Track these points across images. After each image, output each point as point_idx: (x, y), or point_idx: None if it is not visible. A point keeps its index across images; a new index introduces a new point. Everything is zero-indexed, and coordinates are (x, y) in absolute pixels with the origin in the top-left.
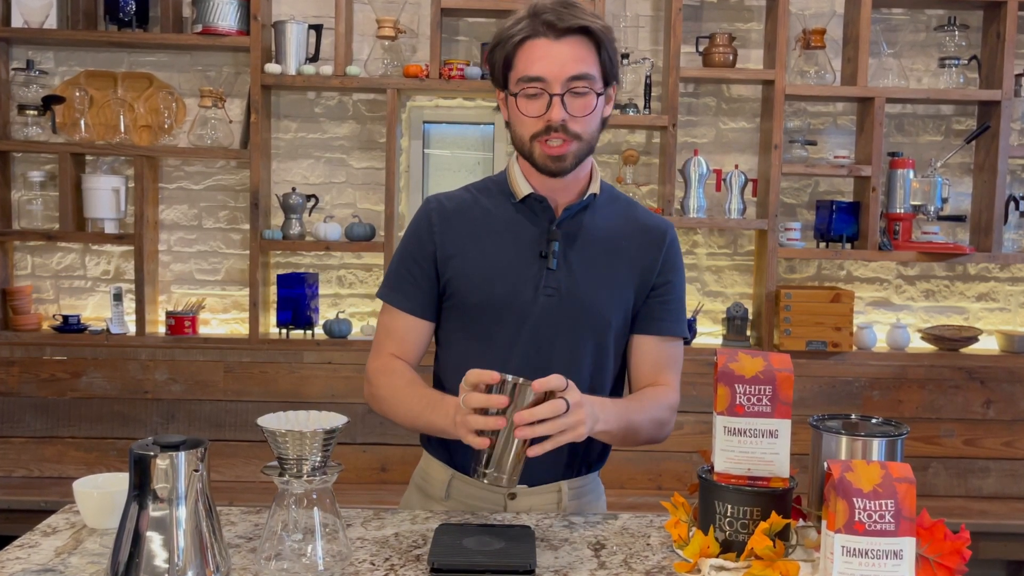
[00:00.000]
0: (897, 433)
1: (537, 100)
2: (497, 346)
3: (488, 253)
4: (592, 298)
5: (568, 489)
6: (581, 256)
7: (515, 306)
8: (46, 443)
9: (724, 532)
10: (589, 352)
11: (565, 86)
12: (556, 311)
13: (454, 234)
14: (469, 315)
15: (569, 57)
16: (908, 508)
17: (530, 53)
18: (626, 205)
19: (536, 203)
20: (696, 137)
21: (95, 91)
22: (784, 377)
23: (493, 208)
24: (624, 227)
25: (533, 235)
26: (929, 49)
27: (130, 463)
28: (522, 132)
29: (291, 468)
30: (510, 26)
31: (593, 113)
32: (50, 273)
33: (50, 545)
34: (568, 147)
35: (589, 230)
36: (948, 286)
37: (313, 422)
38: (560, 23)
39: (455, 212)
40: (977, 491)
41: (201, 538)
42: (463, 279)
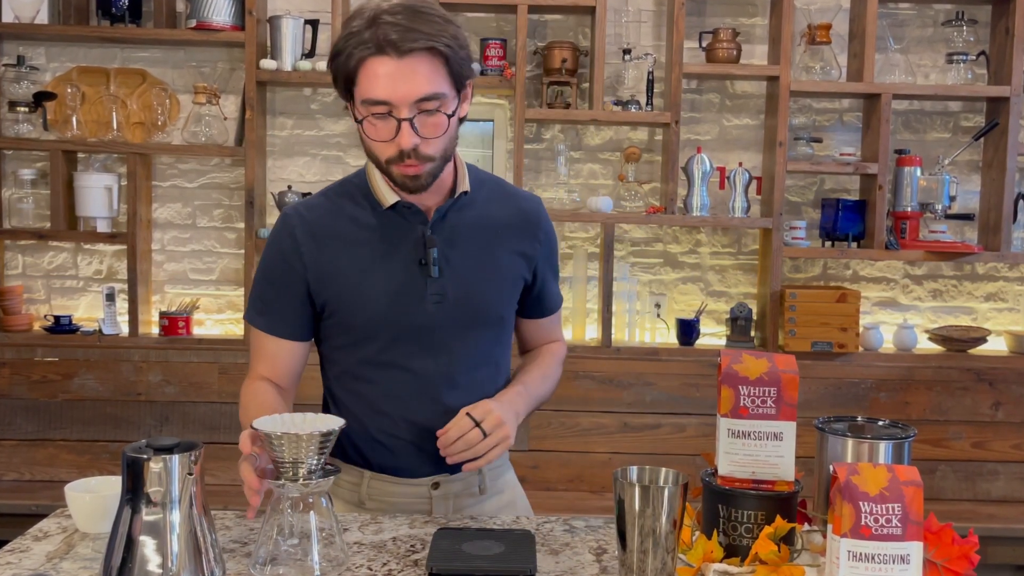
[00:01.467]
0: (904, 435)
1: (385, 123)
2: (392, 362)
3: (365, 268)
4: (481, 297)
5: (488, 470)
6: (462, 256)
7: (404, 321)
8: (37, 446)
9: (728, 536)
10: (487, 348)
11: (413, 109)
12: (448, 318)
13: (324, 251)
14: (356, 335)
15: (415, 78)
16: (915, 512)
17: (372, 73)
18: (493, 186)
19: (405, 209)
20: (699, 134)
21: (87, 87)
22: (789, 378)
23: (360, 216)
24: (498, 214)
25: (408, 243)
26: (937, 44)
27: (123, 466)
28: (376, 154)
29: (287, 471)
30: (352, 33)
31: (446, 132)
32: (41, 273)
33: (41, 550)
34: (423, 167)
35: (464, 227)
36: (956, 286)
37: (309, 424)
38: (403, 42)
39: (319, 225)
40: (986, 495)
41: (195, 542)
42: (343, 299)
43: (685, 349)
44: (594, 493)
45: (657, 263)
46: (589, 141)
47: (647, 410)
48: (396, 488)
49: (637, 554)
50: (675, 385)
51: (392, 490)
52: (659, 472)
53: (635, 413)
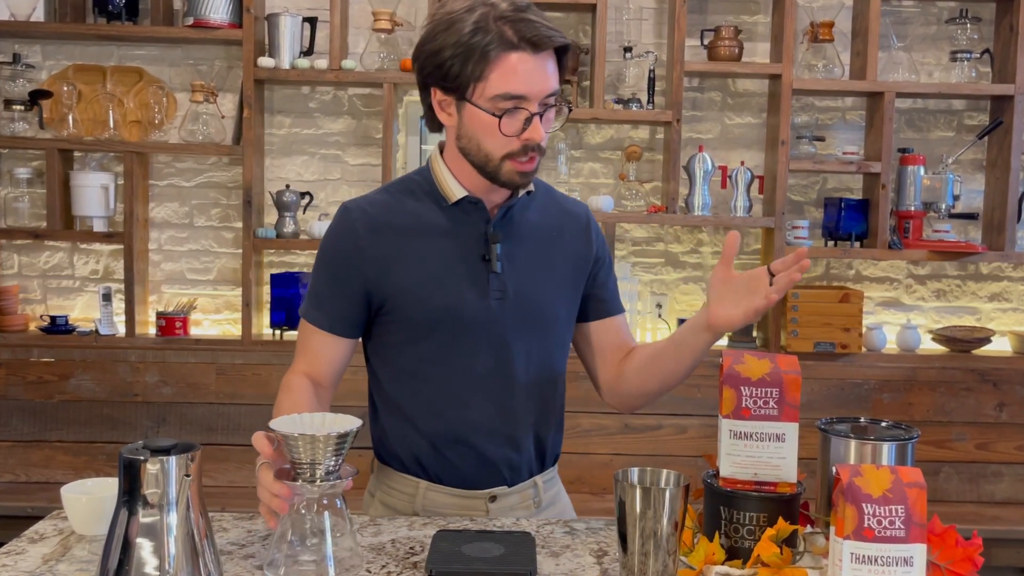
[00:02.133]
0: (907, 437)
1: (514, 118)
2: (453, 360)
3: (426, 262)
4: (540, 295)
5: (542, 482)
6: (523, 254)
7: (466, 316)
8: (33, 447)
9: (730, 539)
10: (544, 349)
11: (542, 104)
12: (509, 314)
13: (385, 247)
14: (415, 332)
15: (547, 74)
16: (919, 514)
17: (509, 68)
18: (546, 192)
19: (470, 205)
20: (701, 133)
21: (83, 85)
22: (791, 379)
23: (422, 212)
24: (552, 217)
25: (471, 238)
26: (940, 42)
27: (119, 468)
28: (491, 149)
29: (304, 472)
30: (474, 30)
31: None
32: (37, 272)
33: (37, 552)
34: (535, 162)
35: (523, 226)
36: (960, 286)
37: (327, 425)
38: (537, 39)
39: (382, 221)
40: (990, 496)
41: (193, 545)
42: (404, 295)
43: None
44: (595, 495)
45: (658, 263)
46: (590, 140)
47: (648, 411)
48: (452, 500)
49: (638, 556)
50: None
51: (448, 502)
52: (660, 473)
53: (636, 414)
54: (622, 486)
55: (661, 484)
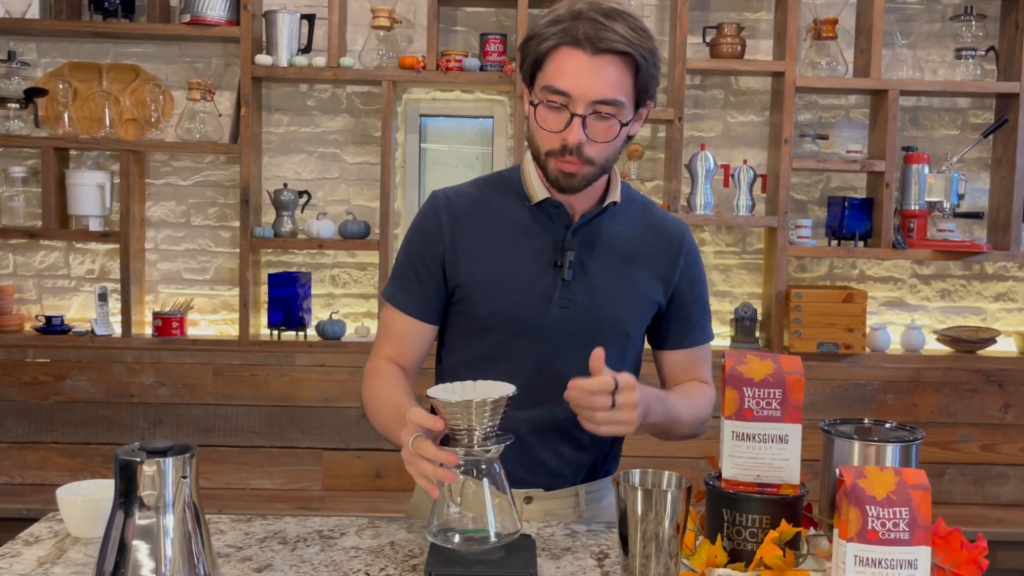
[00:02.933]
0: (912, 438)
1: (558, 114)
2: (508, 360)
3: (501, 260)
4: (610, 311)
5: (585, 494)
6: (598, 266)
7: (528, 319)
8: (28, 448)
9: (732, 541)
10: (608, 364)
11: (589, 108)
12: (572, 324)
13: (465, 236)
14: (478, 325)
15: (601, 79)
16: (923, 516)
17: (561, 63)
18: (642, 208)
19: (552, 208)
20: (703, 131)
21: (79, 83)
22: (794, 380)
23: (506, 209)
24: (641, 233)
25: (548, 242)
26: (945, 40)
27: (115, 469)
28: (538, 143)
29: (462, 438)
30: (551, 21)
31: (613, 141)
32: (32, 272)
33: (32, 555)
34: (581, 169)
35: (606, 238)
36: (964, 286)
37: (481, 392)
38: (599, 41)
39: (465, 211)
40: (995, 498)
41: (189, 547)
42: (473, 287)
43: None
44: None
45: None
46: None
47: None
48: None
49: (639, 559)
50: None
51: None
52: (662, 475)
53: None
54: (623, 488)
55: (663, 486)
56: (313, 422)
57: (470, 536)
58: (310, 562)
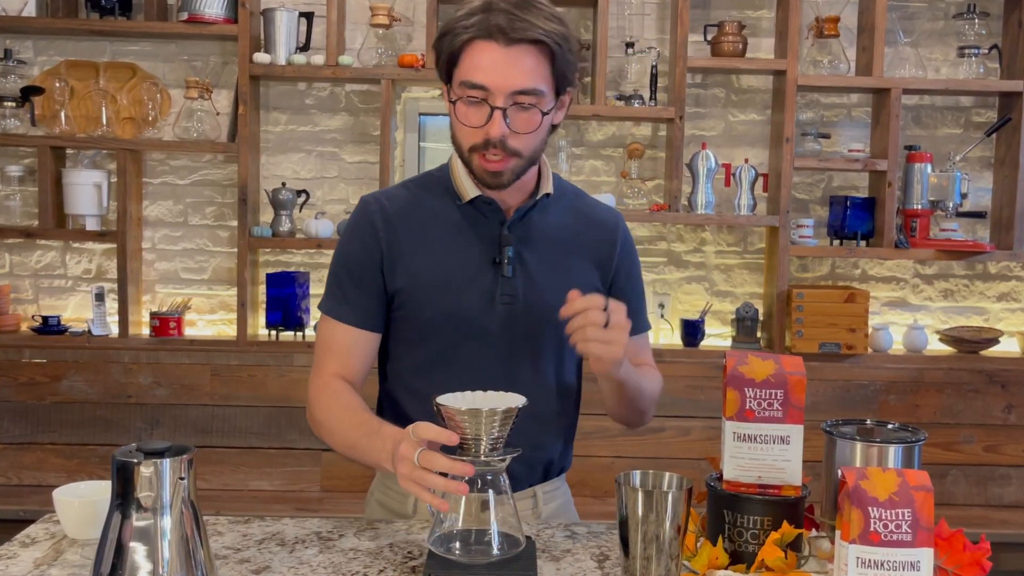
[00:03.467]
0: (914, 439)
1: (478, 109)
2: (456, 361)
3: (439, 261)
4: (553, 302)
5: (543, 494)
6: (536, 259)
7: (472, 318)
8: (25, 450)
9: (733, 543)
10: (553, 359)
11: (509, 99)
12: (516, 320)
13: (401, 240)
14: (422, 329)
15: (517, 69)
16: (926, 517)
17: (476, 57)
18: (574, 197)
19: (485, 205)
20: (704, 130)
21: (76, 82)
22: (796, 381)
23: (439, 209)
24: (576, 223)
25: (484, 240)
26: (948, 38)
27: (112, 471)
28: (461, 140)
29: (469, 448)
30: (462, 16)
31: (537, 131)
32: (29, 272)
33: (29, 556)
34: (507, 163)
35: (542, 230)
36: (967, 286)
37: (490, 402)
38: (512, 31)
39: (398, 215)
40: (998, 500)
41: (187, 549)
42: (414, 290)
43: (689, 350)
44: (596, 498)
45: (661, 262)
46: (591, 137)
47: None
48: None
49: (640, 561)
50: (679, 387)
51: None
52: (663, 476)
53: None
54: (624, 489)
55: (664, 487)
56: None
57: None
58: (308, 564)
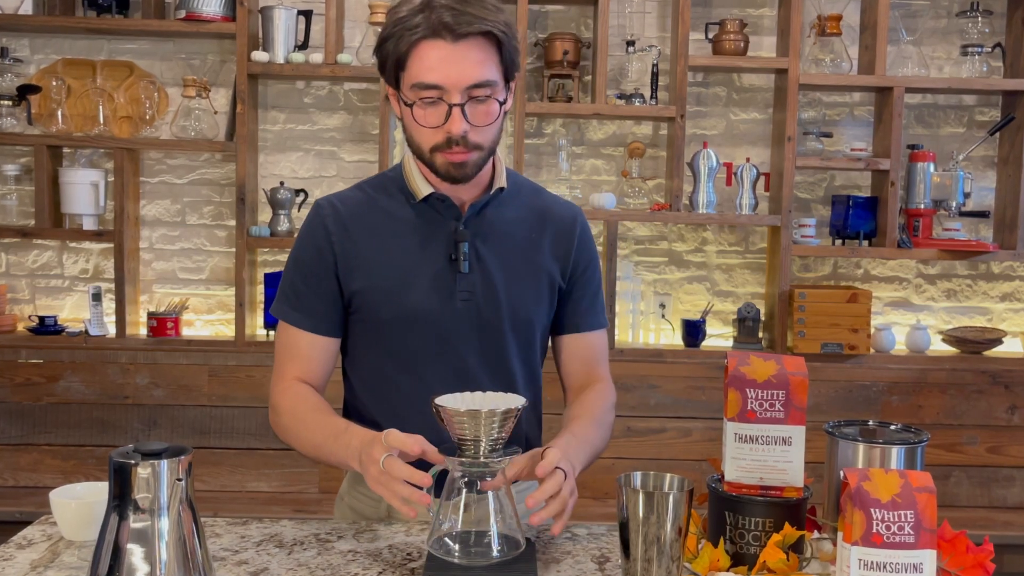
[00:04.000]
0: (917, 440)
1: (435, 108)
2: (416, 362)
3: (394, 260)
4: (512, 298)
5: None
6: (493, 254)
7: (431, 316)
8: (21, 451)
9: (735, 544)
10: (517, 357)
11: (465, 95)
12: (475, 317)
13: (354, 242)
14: (381, 330)
15: (469, 63)
16: (929, 519)
17: (425, 57)
18: (532, 193)
19: (439, 202)
20: (705, 129)
21: (73, 80)
22: (798, 381)
23: (393, 209)
24: (533, 217)
25: (440, 237)
26: (951, 36)
27: (110, 472)
28: (419, 142)
29: (468, 449)
30: (404, 17)
31: (496, 121)
32: (25, 272)
33: (25, 558)
34: (469, 156)
35: (498, 225)
36: (971, 285)
37: (489, 402)
38: (458, 27)
39: (352, 217)
40: (1001, 501)
41: (184, 551)
42: (370, 292)
43: (691, 351)
44: (596, 499)
45: (662, 262)
46: (591, 136)
47: (651, 414)
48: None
49: (641, 563)
50: (680, 388)
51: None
52: (664, 478)
53: (639, 417)
54: (625, 491)
55: (664, 488)
56: None
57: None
58: (307, 566)
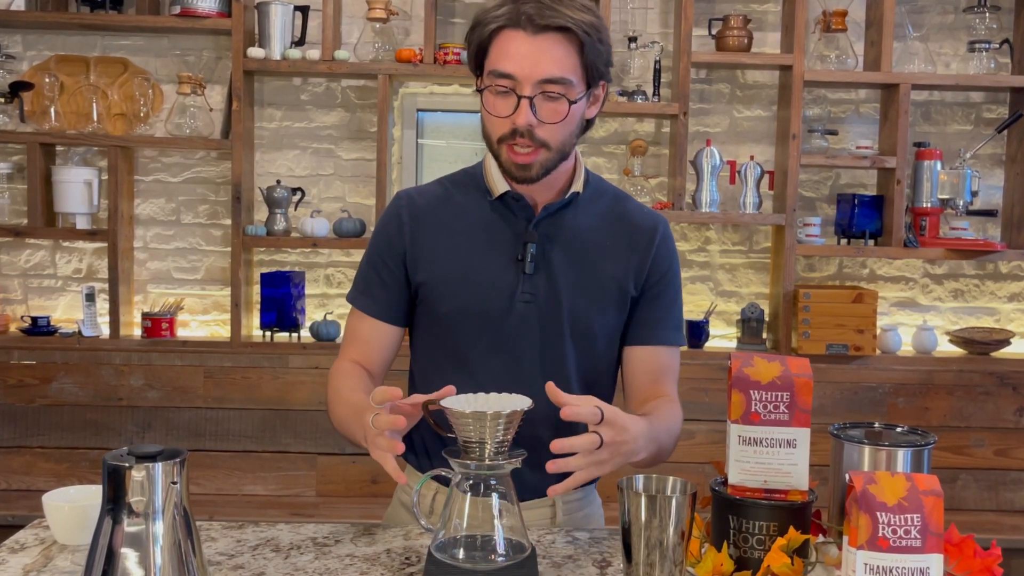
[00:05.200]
0: (923, 443)
1: (506, 99)
2: (470, 359)
3: (461, 256)
4: (574, 304)
5: (562, 503)
6: (561, 259)
7: (488, 315)
8: (13, 453)
9: (739, 548)
10: (575, 364)
11: (536, 88)
12: (535, 320)
13: (425, 234)
14: (439, 323)
15: (545, 57)
16: (935, 523)
17: (504, 46)
18: (613, 200)
19: (514, 201)
20: (709, 126)
21: (66, 77)
22: (803, 383)
23: (468, 205)
24: (610, 225)
25: (509, 236)
26: (958, 32)
27: (103, 475)
28: (490, 131)
29: (473, 451)
30: (492, 7)
31: (565, 121)
32: (18, 272)
33: (18, 563)
34: (535, 156)
35: (571, 230)
36: (978, 285)
37: (495, 404)
38: (539, 18)
39: (427, 209)
40: (1009, 505)
41: (179, 555)
42: (433, 284)
43: (694, 352)
44: None
45: None
46: (593, 133)
47: None
48: None
49: (643, 567)
50: (683, 390)
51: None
52: (666, 481)
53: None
54: (627, 494)
55: (667, 492)
56: (307, 426)
57: (476, 554)
58: (304, 570)
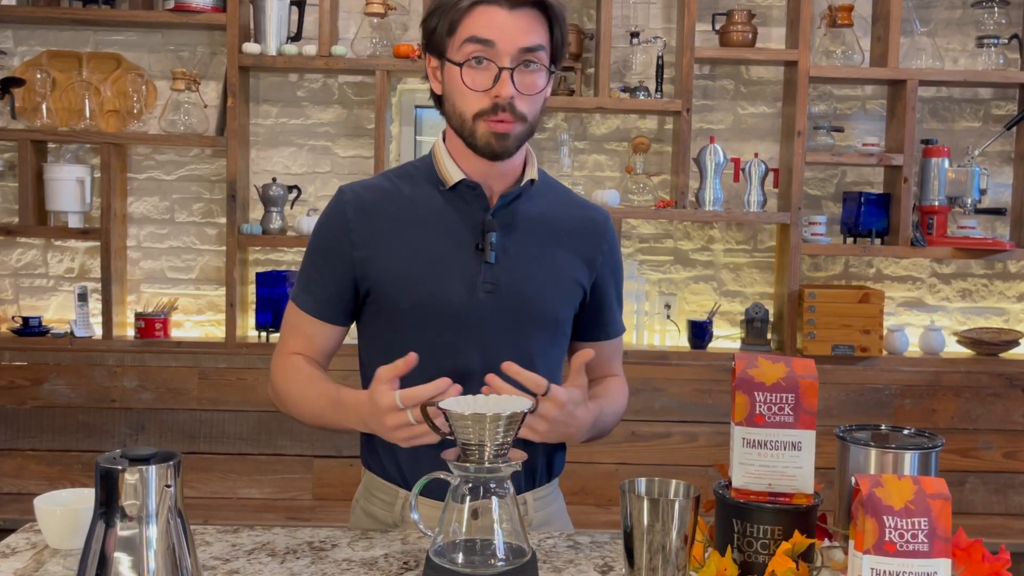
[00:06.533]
0: (931, 445)
1: (484, 71)
2: (436, 353)
3: (416, 249)
4: (537, 292)
5: (533, 500)
6: (521, 247)
7: (452, 306)
8: (5, 456)
9: (743, 553)
10: (539, 352)
11: (516, 59)
12: (498, 309)
13: (374, 230)
14: (400, 320)
15: (523, 28)
16: (943, 527)
17: (479, 18)
18: (562, 193)
19: (468, 190)
20: (712, 123)
21: (58, 73)
22: (808, 384)
23: (418, 197)
24: (564, 216)
25: (466, 226)
26: (966, 27)
27: (96, 478)
28: (463, 108)
29: (473, 454)
30: None
31: (541, 92)
32: (9, 271)
33: (9, 567)
34: (513, 127)
35: (527, 219)
36: (986, 285)
37: (494, 405)
38: None
39: (374, 205)
40: (1018, 508)
41: (173, 559)
42: (390, 281)
43: (697, 352)
44: (600, 507)
45: (667, 261)
46: (594, 130)
47: (656, 418)
48: (432, 512)
49: (646, 571)
50: (686, 391)
51: (428, 514)
52: (669, 484)
53: (643, 421)
54: (629, 497)
55: (670, 495)
56: (303, 428)
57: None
58: (300, 575)
